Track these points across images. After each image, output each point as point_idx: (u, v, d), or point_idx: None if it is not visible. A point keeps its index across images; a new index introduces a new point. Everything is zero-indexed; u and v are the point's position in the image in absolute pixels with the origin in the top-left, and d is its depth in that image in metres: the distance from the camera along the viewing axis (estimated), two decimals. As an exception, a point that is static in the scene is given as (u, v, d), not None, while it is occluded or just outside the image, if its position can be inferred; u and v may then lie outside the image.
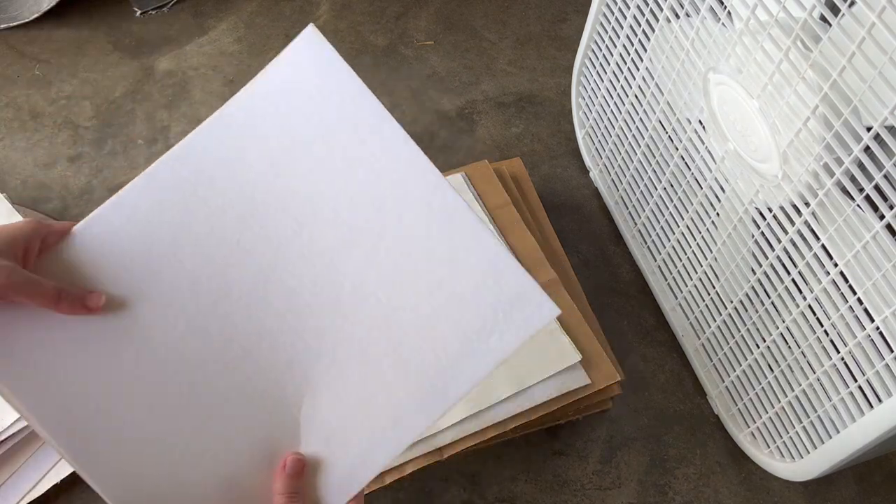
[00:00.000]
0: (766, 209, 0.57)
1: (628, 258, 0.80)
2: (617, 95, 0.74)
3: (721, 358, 0.67)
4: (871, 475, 0.67)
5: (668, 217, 0.71)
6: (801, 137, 0.50)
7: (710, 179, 0.62)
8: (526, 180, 0.76)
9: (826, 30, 0.46)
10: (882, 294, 0.46)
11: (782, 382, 0.59)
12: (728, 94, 0.56)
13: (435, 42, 1.00)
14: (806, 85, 0.48)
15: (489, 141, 0.90)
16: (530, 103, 0.93)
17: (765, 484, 0.66)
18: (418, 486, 0.65)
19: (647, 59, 0.67)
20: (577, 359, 0.61)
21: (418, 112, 0.92)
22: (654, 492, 0.65)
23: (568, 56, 0.99)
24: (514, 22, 1.03)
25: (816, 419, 0.56)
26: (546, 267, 0.67)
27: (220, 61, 0.95)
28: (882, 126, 0.43)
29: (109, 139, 0.87)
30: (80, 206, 0.81)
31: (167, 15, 1.01)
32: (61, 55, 0.95)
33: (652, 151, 0.71)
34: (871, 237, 0.46)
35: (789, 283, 0.56)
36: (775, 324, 0.59)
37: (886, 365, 0.47)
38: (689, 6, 0.58)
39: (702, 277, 0.67)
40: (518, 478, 0.65)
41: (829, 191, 0.49)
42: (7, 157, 0.85)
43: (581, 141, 0.87)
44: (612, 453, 0.67)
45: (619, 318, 0.76)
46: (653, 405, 0.70)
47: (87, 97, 0.91)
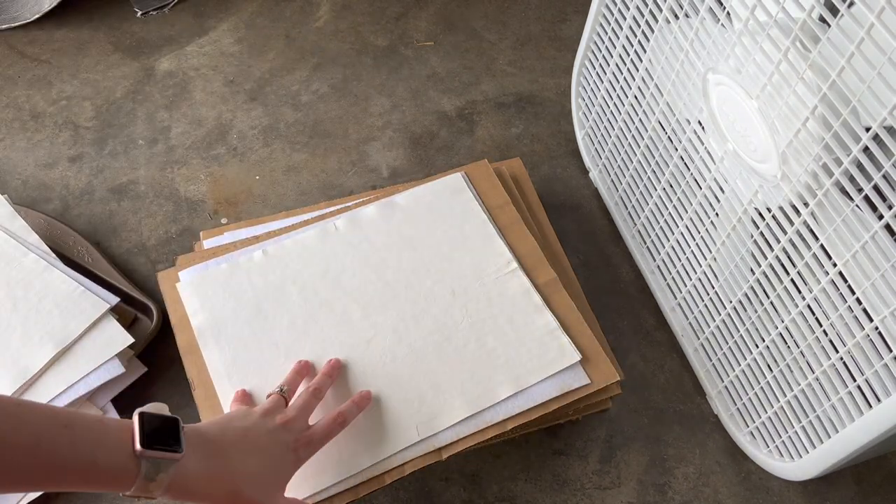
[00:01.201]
0: (765, 209, 0.57)
1: (628, 258, 0.80)
2: (616, 96, 0.75)
3: (720, 357, 0.67)
4: (871, 475, 0.67)
5: (667, 217, 0.71)
6: (800, 138, 0.50)
7: (710, 180, 0.62)
8: (526, 180, 0.76)
9: (825, 30, 0.46)
10: (881, 294, 0.47)
11: (781, 382, 0.59)
12: (727, 95, 0.57)
13: (435, 42, 1.00)
14: (805, 85, 0.48)
15: (489, 141, 0.90)
16: (530, 104, 0.94)
17: (764, 483, 0.66)
18: (418, 486, 0.65)
19: (647, 60, 0.67)
20: (577, 358, 0.61)
21: (418, 112, 0.92)
22: (653, 491, 0.65)
23: (568, 56, 0.99)
24: (514, 22, 1.03)
25: (815, 419, 0.56)
26: (546, 267, 0.67)
27: (220, 62, 0.95)
28: (881, 126, 0.43)
29: (110, 139, 0.87)
30: (81, 207, 0.81)
31: (168, 15, 1.01)
32: (62, 56, 0.96)
33: (651, 152, 0.71)
34: (869, 237, 0.46)
35: (788, 283, 0.56)
36: (774, 324, 0.59)
37: (885, 365, 0.48)
38: (688, 7, 0.58)
39: (701, 277, 0.67)
40: (518, 477, 0.65)
41: (828, 191, 0.49)
42: (8, 157, 0.85)
43: (581, 141, 0.87)
44: (612, 453, 0.67)
45: (618, 318, 0.76)
46: (652, 405, 0.70)
47: (87, 97, 0.91)
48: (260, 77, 0.94)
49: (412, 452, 0.58)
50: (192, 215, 0.81)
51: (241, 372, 0.61)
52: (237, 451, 0.49)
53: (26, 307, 0.66)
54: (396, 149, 0.88)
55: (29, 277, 0.68)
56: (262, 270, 0.66)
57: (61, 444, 0.40)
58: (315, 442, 0.54)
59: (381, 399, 0.60)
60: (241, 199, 0.83)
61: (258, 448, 0.50)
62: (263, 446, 0.51)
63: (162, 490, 0.44)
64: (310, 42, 0.98)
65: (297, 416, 0.54)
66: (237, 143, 0.87)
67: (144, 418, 0.44)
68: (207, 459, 0.47)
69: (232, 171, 0.85)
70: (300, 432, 0.53)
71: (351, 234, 0.69)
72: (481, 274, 0.66)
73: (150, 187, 0.83)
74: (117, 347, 0.65)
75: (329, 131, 0.89)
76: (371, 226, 0.69)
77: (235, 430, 0.50)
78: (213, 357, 0.62)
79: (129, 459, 0.42)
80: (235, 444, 0.49)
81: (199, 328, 0.63)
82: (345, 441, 0.57)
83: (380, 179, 0.85)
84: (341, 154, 0.87)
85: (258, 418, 0.52)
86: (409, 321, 0.63)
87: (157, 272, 0.68)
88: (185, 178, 0.84)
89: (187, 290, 0.65)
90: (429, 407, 0.59)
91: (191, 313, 0.64)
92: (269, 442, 0.51)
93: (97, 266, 0.72)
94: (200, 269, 0.66)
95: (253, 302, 0.64)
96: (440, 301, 0.65)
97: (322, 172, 0.86)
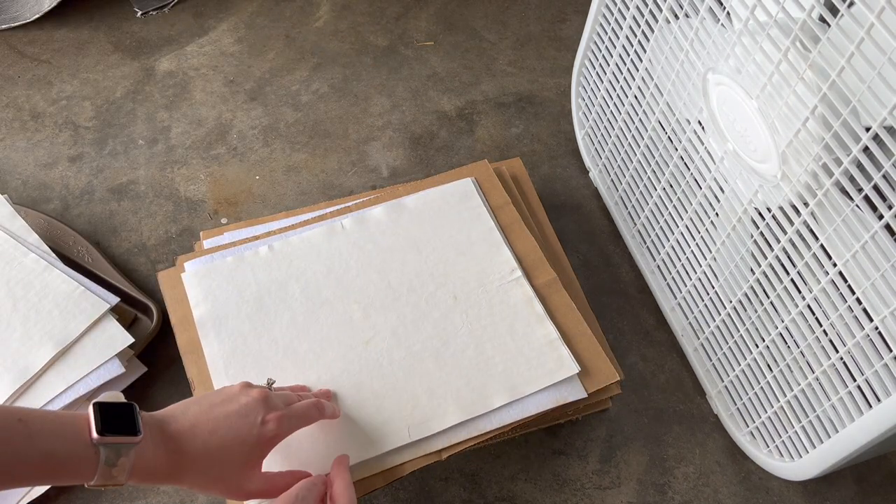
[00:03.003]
0: (765, 209, 0.57)
1: (628, 258, 0.80)
2: (616, 96, 0.75)
3: (720, 357, 0.67)
4: (871, 475, 0.67)
5: (667, 217, 0.71)
6: (800, 138, 0.50)
7: (710, 179, 0.62)
8: (526, 180, 0.76)
9: (825, 30, 0.46)
10: (881, 294, 0.47)
11: (781, 382, 0.59)
12: (727, 95, 0.57)
13: (435, 42, 1.00)
14: (805, 85, 0.48)
15: (489, 141, 0.90)
16: (530, 103, 0.94)
17: (764, 483, 0.66)
18: (418, 485, 0.65)
19: (647, 60, 0.67)
20: (576, 370, 0.61)
21: (418, 112, 0.92)
22: (653, 491, 0.65)
23: (568, 56, 0.99)
24: (514, 22, 1.03)
25: (815, 419, 0.56)
26: (546, 267, 0.67)
27: (220, 61, 0.95)
28: (881, 126, 0.43)
29: (110, 139, 0.87)
30: (81, 207, 0.81)
31: (168, 15, 1.01)
32: (62, 55, 0.96)
33: (651, 151, 0.71)
34: (869, 237, 0.46)
35: (788, 283, 0.56)
36: (774, 323, 0.59)
37: (885, 365, 0.48)
38: (688, 7, 0.58)
39: (701, 277, 0.67)
40: (518, 477, 0.65)
41: (828, 191, 0.49)
42: (8, 157, 0.85)
43: (581, 141, 0.87)
44: (612, 453, 0.67)
45: (618, 317, 0.76)
46: (652, 405, 0.70)
47: (87, 97, 0.91)
48: (260, 77, 0.94)
49: (412, 452, 0.57)
50: (192, 215, 0.81)
51: (238, 365, 0.61)
52: (200, 430, 0.48)
53: (26, 307, 0.66)
54: (396, 149, 0.88)
55: (29, 277, 0.68)
56: (266, 266, 0.66)
57: (17, 439, 0.40)
58: (292, 419, 0.52)
59: (376, 400, 0.59)
60: (241, 199, 0.83)
61: (223, 424, 0.49)
62: (229, 422, 0.49)
63: (125, 475, 0.43)
64: (310, 42, 0.98)
65: (276, 397, 0.53)
66: (237, 143, 0.87)
67: (99, 407, 0.44)
68: (167, 442, 0.46)
69: (232, 171, 0.85)
70: (277, 409, 0.51)
71: (357, 233, 0.69)
72: (485, 281, 0.66)
73: (150, 187, 0.83)
74: (117, 347, 0.65)
75: (329, 131, 0.89)
76: (378, 227, 0.69)
77: (201, 407, 0.49)
78: (213, 349, 0.62)
79: (88, 448, 0.42)
80: (198, 423, 0.48)
81: (200, 319, 0.63)
82: (335, 438, 0.57)
83: (380, 179, 0.85)
84: (341, 154, 0.87)
85: (236, 391, 0.51)
86: (409, 324, 0.63)
87: (157, 272, 0.68)
88: (185, 178, 0.84)
89: (192, 281, 0.65)
90: (422, 410, 0.59)
91: (193, 304, 0.64)
92: (236, 416, 0.49)
93: (97, 266, 0.72)
94: (206, 262, 0.67)
95: (256, 297, 0.64)
96: (441, 306, 0.65)
97: (322, 172, 0.86)
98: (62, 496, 0.62)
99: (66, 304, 0.66)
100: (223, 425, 0.49)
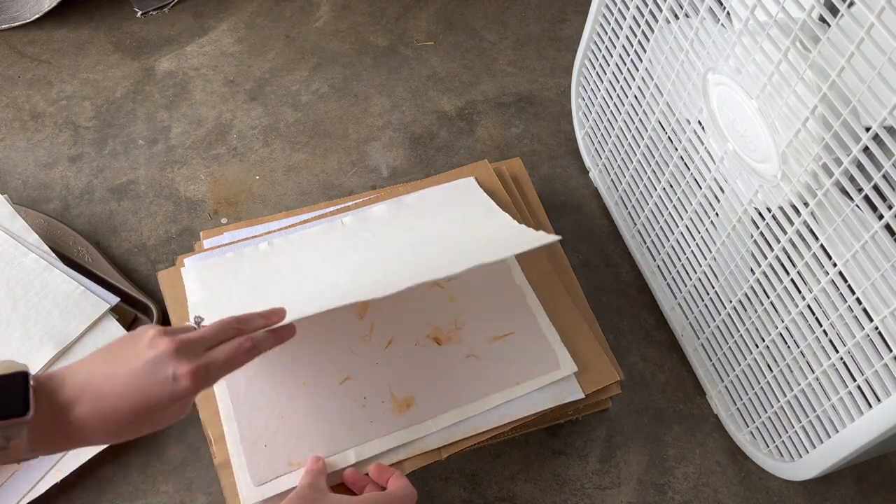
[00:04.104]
0: (765, 209, 0.57)
1: (628, 258, 0.80)
2: (616, 96, 0.75)
3: (720, 357, 0.67)
4: (871, 475, 0.67)
5: (667, 217, 0.71)
6: (800, 138, 0.50)
7: (710, 179, 0.62)
8: (526, 180, 0.76)
9: (825, 30, 0.46)
10: (881, 294, 0.47)
11: (781, 382, 0.59)
12: (727, 95, 0.57)
13: (435, 42, 1.00)
14: (805, 85, 0.48)
15: (489, 141, 0.90)
16: (530, 103, 0.94)
17: (764, 483, 0.66)
18: (418, 485, 0.64)
19: (647, 60, 0.67)
20: (573, 370, 0.61)
21: (418, 112, 0.92)
22: (653, 491, 0.65)
23: (568, 56, 0.99)
24: (513, 22, 1.03)
25: (815, 419, 0.56)
26: (543, 262, 0.67)
27: (220, 61, 0.95)
28: (881, 126, 0.43)
29: (110, 139, 0.87)
30: (81, 207, 0.81)
31: (168, 15, 1.01)
32: (62, 55, 0.96)
33: (651, 151, 0.71)
34: (869, 237, 0.46)
35: (788, 283, 0.56)
36: (774, 323, 0.59)
37: (885, 364, 0.48)
38: (688, 7, 0.58)
39: (701, 277, 0.67)
40: (518, 477, 0.65)
41: (828, 191, 0.49)
42: (8, 157, 0.85)
43: (581, 141, 0.87)
44: (612, 453, 0.67)
45: (618, 317, 0.76)
46: (652, 405, 0.70)
47: (87, 97, 0.91)
48: (260, 77, 0.94)
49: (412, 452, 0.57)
50: (192, 215, 0.81)
51: None
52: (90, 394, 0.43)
53: (26, 307, 0.66)
54: (396, 149, 0.88)
55: (29, 277, 0.68)
56: (264, 258, 0.66)
57: None
58: (211, 369, 0.46)
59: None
60: (241, 199, 0.83)
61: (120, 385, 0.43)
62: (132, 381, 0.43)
63: (24, 453, 0.40)
64: (310, 42, 0.98)
65: (194, 341, 0.46)
66: (237, 143, 0.87)
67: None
68: (56, 411, 0.42)
69: (232, 171, 0.85)
70: (193, 359, 0.45)
71: (357, 229, 0.69)
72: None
73: (150, 187, 0.83)
74: (117, 347, 0.65)
75: (329, 131, 0.89)
76: (377, 222, 0.69)
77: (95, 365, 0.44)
78: None
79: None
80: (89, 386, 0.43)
81: (193, 304, 0.63)
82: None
83: (380, 179, 0.85)
84: (341, 154, 0.87)
85: (144, 342, 0.45)
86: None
87: (157, 272, 0.68)
88: (185, 178, 0.84)
89: (191, 274, 0.65)
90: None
91: (189, 293, 0.64)
92: (141, 373, 0.43)
93: (97, 266, 0.72)
94: (206, 257, 0.67)
95: (250, 283, 0.64)
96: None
97: (322, 172, 0.86)
98: (62, 496, 0.62)
99: (66, 304, 0.66)
100: (120, 386, 0.43)
